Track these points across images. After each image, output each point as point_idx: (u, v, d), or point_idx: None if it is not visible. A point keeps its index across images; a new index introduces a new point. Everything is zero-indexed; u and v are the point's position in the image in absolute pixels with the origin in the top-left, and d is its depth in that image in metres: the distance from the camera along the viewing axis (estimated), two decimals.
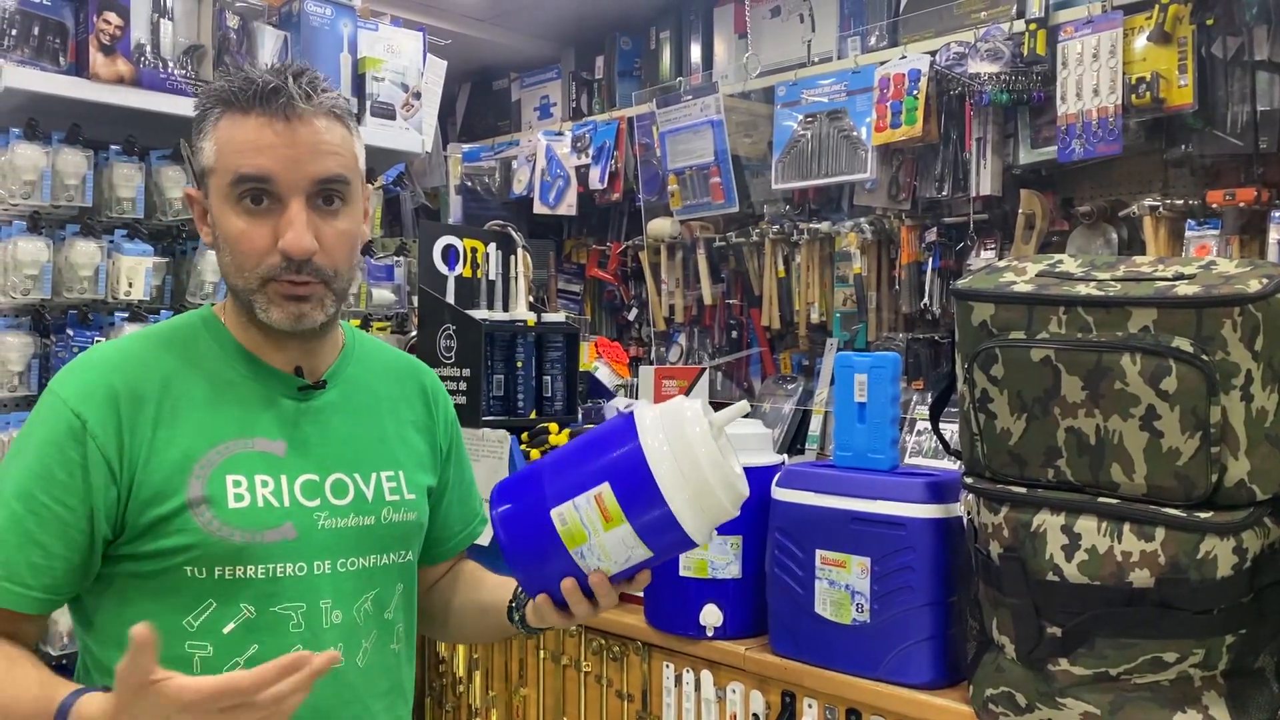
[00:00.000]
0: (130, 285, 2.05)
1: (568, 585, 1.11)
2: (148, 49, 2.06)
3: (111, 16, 2.01)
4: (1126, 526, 1.24)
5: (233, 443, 1.11)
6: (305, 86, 1.08)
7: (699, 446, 1.07)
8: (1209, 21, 2.06)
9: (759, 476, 1.69)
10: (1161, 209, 2.13)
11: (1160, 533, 1.22)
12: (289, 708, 0.91)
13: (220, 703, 0.88)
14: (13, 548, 1.03)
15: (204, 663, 1.08)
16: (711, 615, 1.68)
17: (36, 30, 1.99)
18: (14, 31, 1.97)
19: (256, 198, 1.07)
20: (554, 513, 1.09)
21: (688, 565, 1.69)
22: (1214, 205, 2.08)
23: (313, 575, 1.11)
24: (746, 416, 1.41)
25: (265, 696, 0.89)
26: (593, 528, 1.08)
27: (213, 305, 1.20)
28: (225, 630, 1.08)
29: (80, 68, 2.01)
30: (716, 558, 1.68)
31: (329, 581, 1.12)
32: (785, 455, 1.78)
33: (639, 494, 1.06)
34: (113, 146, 2.08)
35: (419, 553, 1.26)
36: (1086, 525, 1.27)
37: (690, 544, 1.10)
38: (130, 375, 1.10)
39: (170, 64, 2.09)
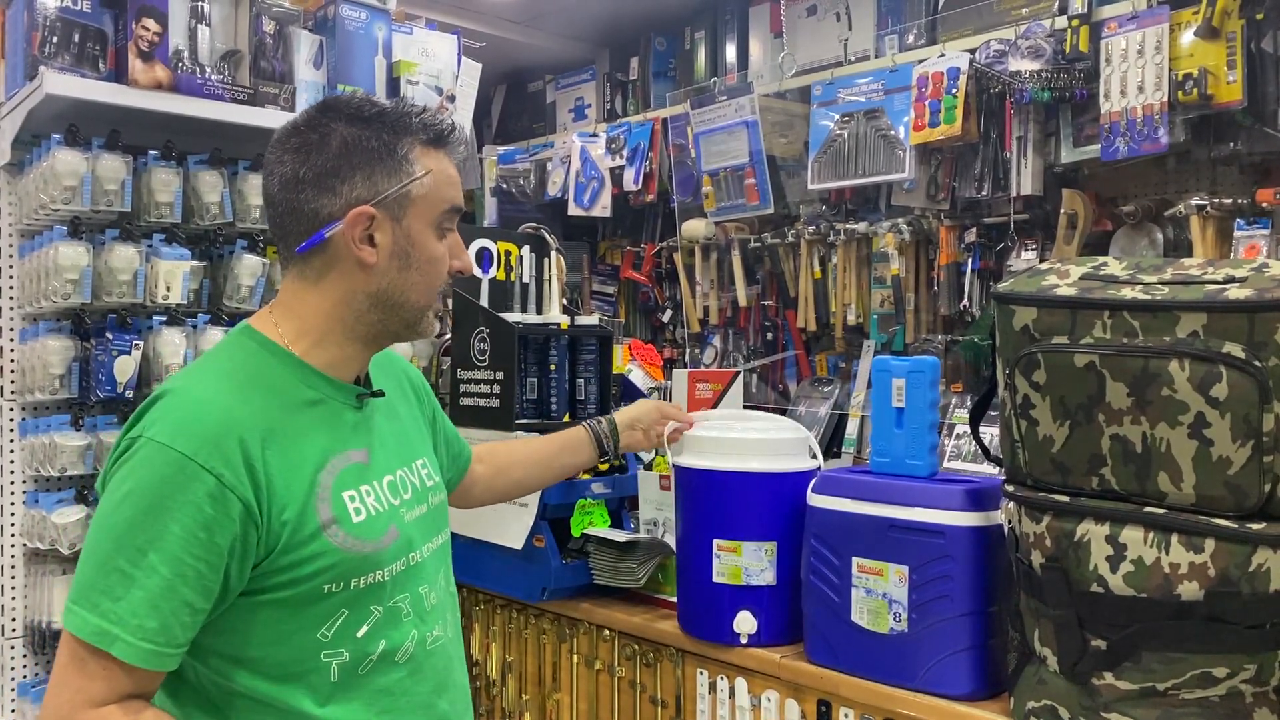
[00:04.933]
0: (168, 289, 2.07)
1: None
2: (185, 55, 2.08)
3: (150, 23, 2.03)
4: (1175, 537, 1.21)
5: (335, 460, 1.17)
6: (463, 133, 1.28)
7: None
8: (1259, 16, 2.01)
9: (795, 482, 1.67)
10: (1209, 208, 2.08)
11: (1210, 544, 1.18)
12: None
13: None
14: (168, 614, 1.05)
15: (340, 669, 1.16)
16: (746, 623, 1.66)
17: (77, 38, 2.01)
18: (55, 39, 2.00)
19: (451, 225, 1.24)
20: None
21: (721, 572, 1.67)
22: (1264, 204, 2.03)
23: (412, 566, 1.22)
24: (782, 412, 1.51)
25: None
26: None
27: (250, 326, 1.22)
28: (359, 634, 1.17)
29: (119, 74, 2.03)
30: (751, 564, 1.66)
31: (423, 569, 1.25)
32: (821, 460, 1.75)
33: None
34: (151, 152, 2.10)
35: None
36: (1133, 536, 1.24)
37: None
38: (242, 419, 1.11)
39: (208, 69, 2.11)
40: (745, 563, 1.66)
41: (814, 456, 1.73)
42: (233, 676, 1.12)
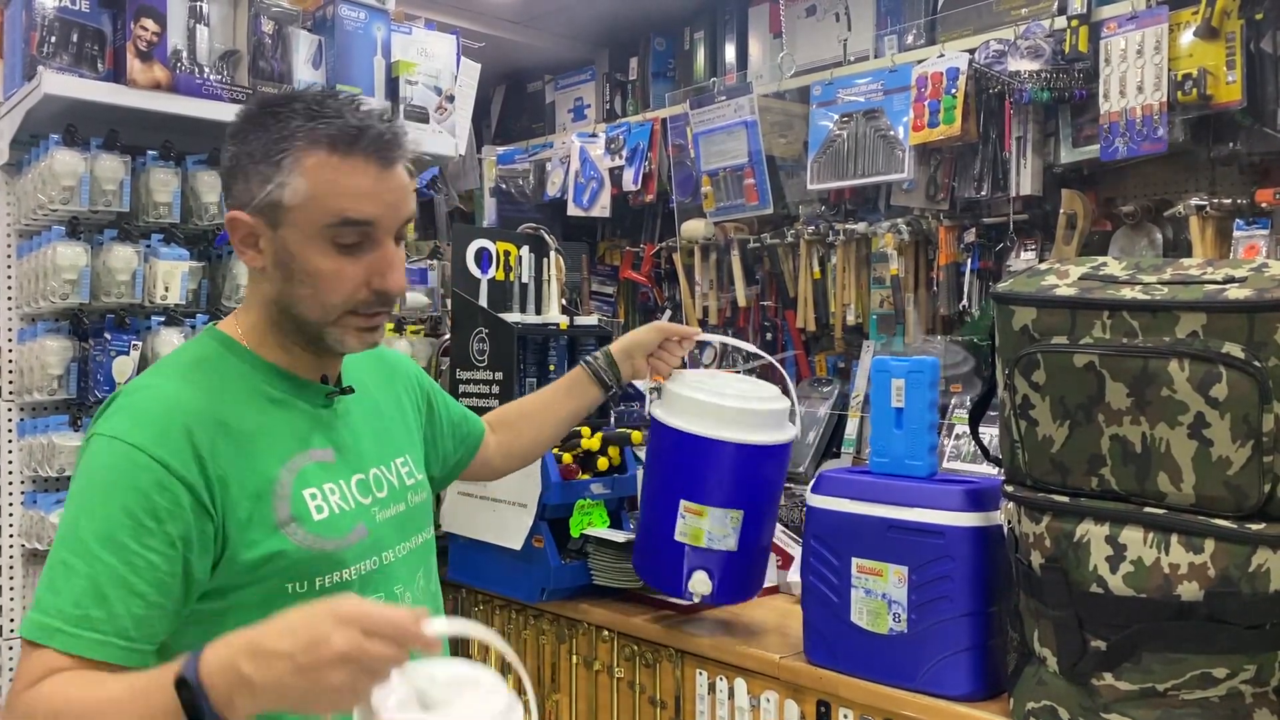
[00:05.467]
0: (167, 289, 2.06)
1: None
2: (184, 55, 2.08)
3: (148, 23, 2.03)
4: (1174, 538, 1.21)
5: (296, 459, 1.15)
6: (401, 133, 1.13)
7: None
8: (1258, 16, 2.00)
9: (770, 455, 1.67)
10: (1208, 208, 2.08)
11: (1210, 544, 1.18)
12: (400, 660, 0.86)
13: (379, 628, 0.85)
14: (117, 603, 1.00)
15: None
16: (701, 584, 1.66)
17: (75, 37, 2.01)
18: (53, 39, 1.99)
19: (350, 238, 1.11)
20: None
21: (684, 532, 1.66)
22: (1263, 204, 2.02)
23: (384, 566, 1.20)
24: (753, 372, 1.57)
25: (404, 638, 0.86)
26: None
27: (216, 327, 1.21)
28: None
29: (118, 74, 2.03)
30: (714, 529, 1.65)
31: (396, 568, 1.22)
32: (797, 430, 1.73)
33: None
34: (150, 152, 2.10)
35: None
36: (1132, 536, 1.23)
37: None
38: (192, 412, 1.09)
39: (206, 70, 2.11)
40: (709, 527, 1.65)
41: (792, 423, 1.71)
42: None
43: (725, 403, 1.66)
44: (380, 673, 0.85)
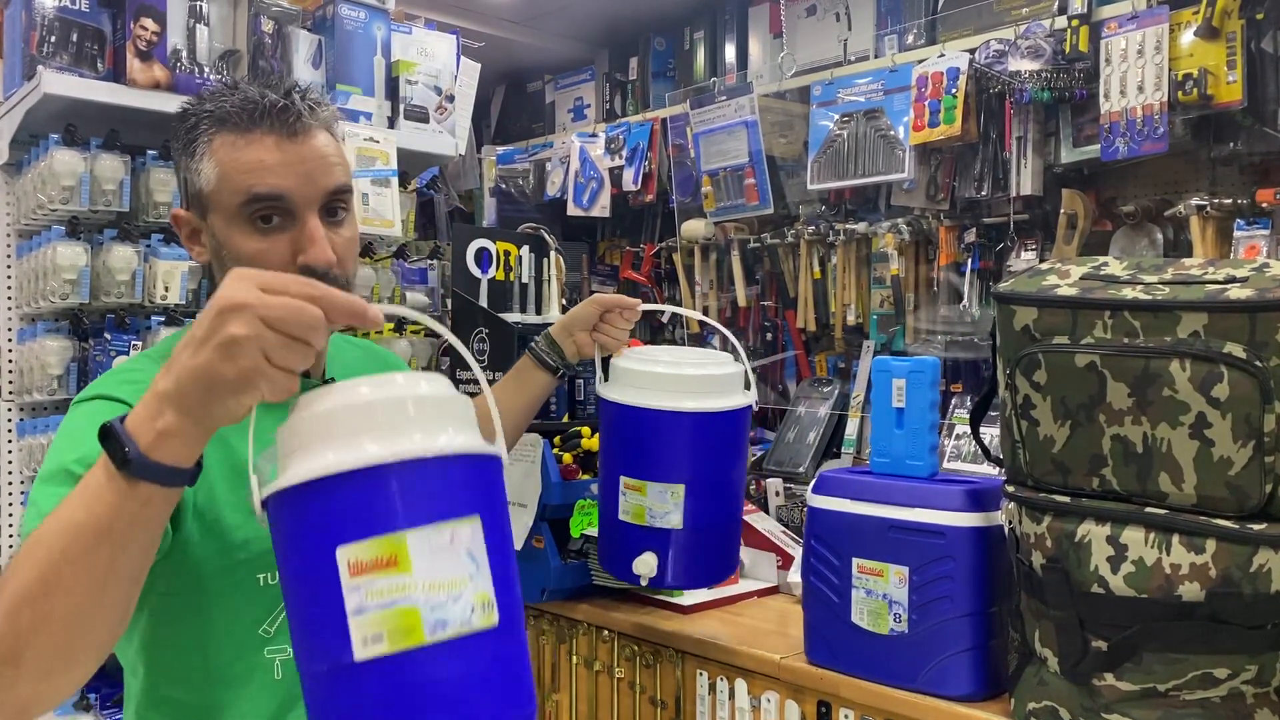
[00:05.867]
0: (167, 289, 2.06)
1: None
2: (184, 54, 2.08)
3: (148, 23, 2.02)
4: (1176, 538, 1.20)
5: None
6: (310, 101, 1.10)
7: None
8: (1259, 16, 2.00)
9: (712, 423, 1.57)
10: (1209, 208, 2.08)
11: (1211, 545, 1.18)
12: (313, 320, 0.78)
13: (305, 289, 0.78)
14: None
15: (283, 665, 1.09)
16: (644, 564, 1.58)
17: (75, 37, 2.01)
18: (53, 39, 1.99)
19: (268, 217, 1.07)
20: None
21: (626, 510, 1.59)
22: (1264, 204, 2.02)
23: None
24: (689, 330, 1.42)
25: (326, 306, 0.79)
26: None
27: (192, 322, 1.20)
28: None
29: (118, 74, 2.03)
30: (655, 505, 1.56)
31: None
32: (749, 400, 1.63)
33: None
34: (150, 152, 2.09)
35: None
36: (1133, 536, 1.23)
37: None
38: None
39: (206, 69, 2.10)
40: (650, 503, 1.57)
41: (747, 390, 1.61)
42: (172, 690, 1.05)
43: (656, 369, 1.57)
44: (292, 332, 0.76)
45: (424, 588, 0.76)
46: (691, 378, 1.56)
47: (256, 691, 1.09)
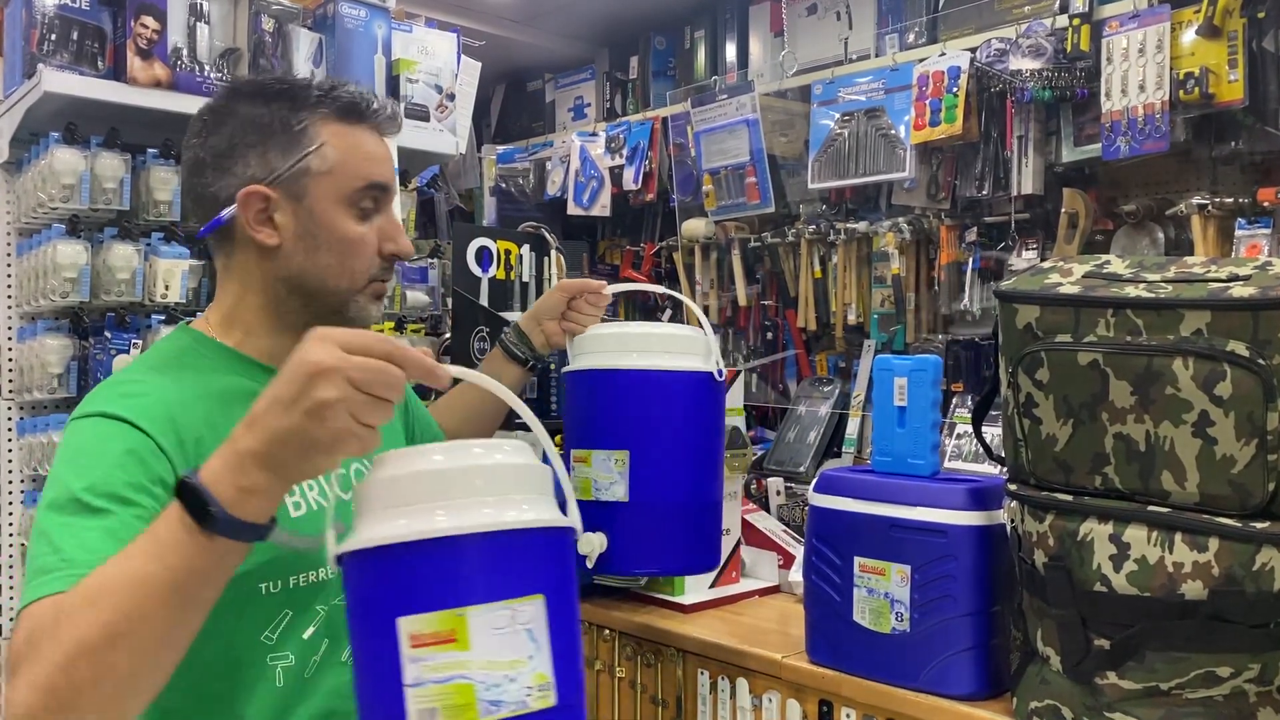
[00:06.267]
0: (167, 288, 2.06)
1: None
2: (184, 53, 2.08)
3: (149, 21, 2.02)
4: (1178, 536, 1.20)
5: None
6: (394, 108, 1.21)
7: None
8: (1260, 15, 2.00)
9: (657, 382, 1.47)
10: (1210, 207, 2.08)
11: (1214, 543, 1.18)
12: (395, 381, 0.81)
13: (365, 343, 0.81)
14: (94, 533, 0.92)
15: (286, 672, 1.09)
16: (588, 544, 1.33)
17: (75, 35, 2.01)
18: (53, 37, 1.99)
19: (370, 205, 1.15)
20: None
21: (576, 485, 1.47)
22: (1265, 203, 2.02)
23: None
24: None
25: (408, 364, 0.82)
26: None
27: (186, 325, 1.19)
28: (305, 635, 1.10)
29: (118, 72, 2.03)
30: (599, 476, 1.44)
31: None
32: (712, 367, 1.52)
33: None
34: (150, 150, 2.09)
35: None
36: (1136, 535, 1.23)
37: None
38: (174, 401, 1.06)
39: (206, 67, 2.10)
40: (594, 474, 1.46)
41: (709, 357, 1.51)
42: (176, 702, 1.01)
43: (603, 331, 1.50)
44: (377, 393, 0.79)
45: (481, 666, 0.76)
46: (637, 335, 1.48)
47: (259, 698, 1.08)
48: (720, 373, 1.53)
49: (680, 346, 1.50)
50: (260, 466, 0.81)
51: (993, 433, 2.00)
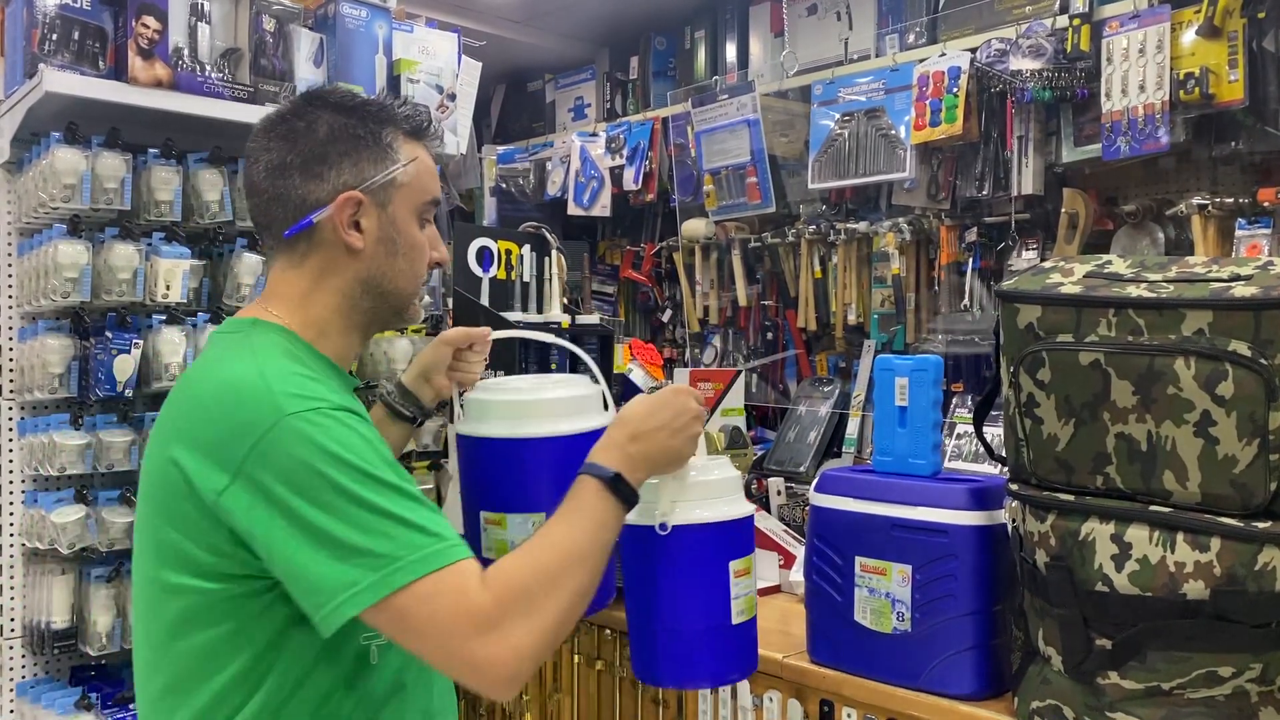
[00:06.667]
0: (168, 288, 2.06)
1: None
2: (185, 53, 2.07)
3: (150, 21, 2.02)
4: (1180, 536, 1.20)
5: None
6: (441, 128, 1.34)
7: None
8: (1260, 15, 2.00)
9: (566, 446, 1.44)
10: (1210, 208, 2.08)
11: (1216, 543, 1.18)
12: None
13: (694, 393, 1.30)
14: (438, 515, 1.07)
15: (380, 651, 1.16)
16: None
17: (76, 35, 2.01)
18: (54, 36, 1.99)
19: (429, 216, 1.28)
20: None
21: (489, 546, 1.49)
22: (1265, 203, 2.02)
23: None
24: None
25: None
26: None
27: (268, 322, 1.20)
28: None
29: (119, 72, 2.02)
30: (518, 538, 1.46)
31: None
32: (604, 420, 1.51)
33: None
34: (151, 150, 2.09)
35: None
36: (1138, 534, 1.23)
37: None
38: (332, 386, 1.16)
39: (208, 67, 2.10)
40: (511, 536, 1.47)
41: (606, 409, 1.53)
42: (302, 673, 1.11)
43: (500, 397, 1.49)
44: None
45: (755, 585, 1.42)
46: (536, 402, 1.48)
47: (358, 680, 1.14)
48: None
49: (583, 406, 1.51)
50: (646, 467, 1.23)
51: (993, 432, 2.00)
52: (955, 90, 2.37)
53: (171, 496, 1.08)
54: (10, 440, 2.12)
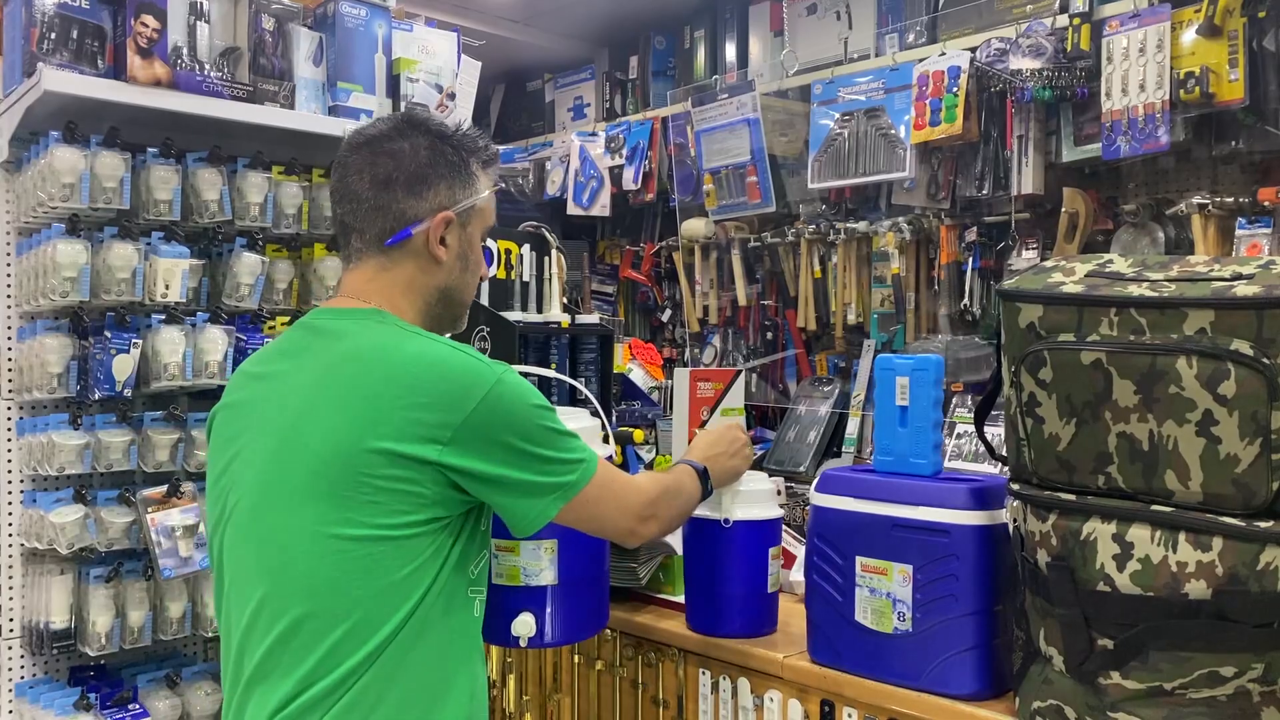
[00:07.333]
0: (167, 287, 2.05)
1: None
2: (184, 52, 2.07)
3: (149, 19, 2.02)
4: (1182, 536, 1.20)
5: None
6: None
7: None
8: (1260, 14, 2.00)
9: None
10: (1211, 207, 2.08)
11: (1218, 543, 1.18)
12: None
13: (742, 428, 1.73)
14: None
15: (481, 603, 1.36)
16: (523, 625, 1.57)
17: (75, 34, 2.00)
18: (53, 35, 1.98)
19: (486, 240, 1.46)
20: None
21: (500, 573, 1.57)
22: (1265, 203, 2.02)
23: None
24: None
25: None
26: None
27: (390, 314, 1.37)
28: (485, 574, 1.38)
29: (118, 71, 2.02)
30: (529, 564, 1.57)
31: None
32: (608, 450, 1.66)
33: None
34: (150, 149, 2.08)
35: None
36: (1139, 534, 1.23)
37: None
38: None
39: (207, 66, 2.10)
40: (523, 562, 1.57)
41: (605, 442, 1.67)
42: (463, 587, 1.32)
43: None
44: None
45: (780, 566, 1.77)
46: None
47: (467, 627, 1.33)
48: (611, 456, 1.69)
49: (587, 438, 1.56)
50: (715, 475, 1.60)
51: (994, 432, 2.00)
52: (955, 90, 2.37)
53: (358, 456, 1.22)
54: (9, 440, 2.11)
